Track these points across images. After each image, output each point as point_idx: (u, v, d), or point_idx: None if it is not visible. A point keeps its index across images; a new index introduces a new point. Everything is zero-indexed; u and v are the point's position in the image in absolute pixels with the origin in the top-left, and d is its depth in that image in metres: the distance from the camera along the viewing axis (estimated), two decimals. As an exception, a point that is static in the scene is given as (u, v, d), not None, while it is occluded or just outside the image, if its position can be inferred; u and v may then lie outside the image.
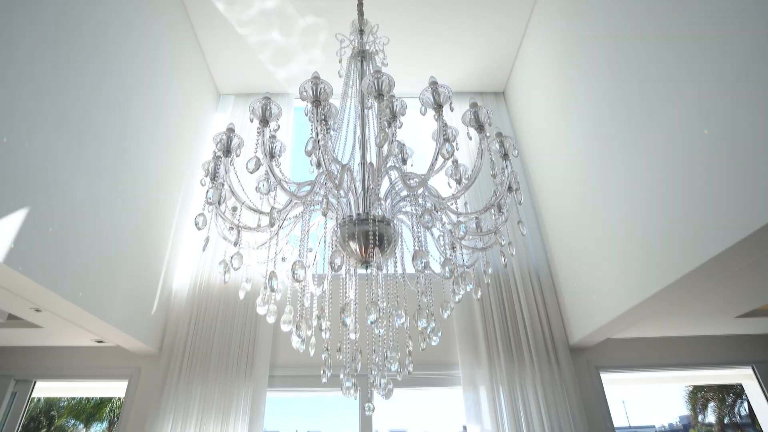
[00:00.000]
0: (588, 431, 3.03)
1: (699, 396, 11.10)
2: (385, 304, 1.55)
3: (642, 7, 2.39)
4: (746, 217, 1.71)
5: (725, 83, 1.80)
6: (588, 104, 3.00)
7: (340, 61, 2.12)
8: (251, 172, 1.24)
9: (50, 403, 9.44)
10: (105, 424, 10.04)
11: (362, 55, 2.11)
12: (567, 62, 3.30)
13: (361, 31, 2.07)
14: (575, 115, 3.19)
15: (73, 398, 9.70)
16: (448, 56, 4.22)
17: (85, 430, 10.04)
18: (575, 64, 3.17)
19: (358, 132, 1.90)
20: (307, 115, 1.25)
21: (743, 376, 3.61)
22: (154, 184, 3.27)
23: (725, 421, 10.98)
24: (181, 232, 3.72)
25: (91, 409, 9.52)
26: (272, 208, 1.25)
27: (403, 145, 1.96)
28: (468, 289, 1.33)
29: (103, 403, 9.79)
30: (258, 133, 1.25)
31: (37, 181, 2.06)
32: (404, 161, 1.96)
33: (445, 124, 1.37)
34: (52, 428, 9.16)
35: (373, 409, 1.47)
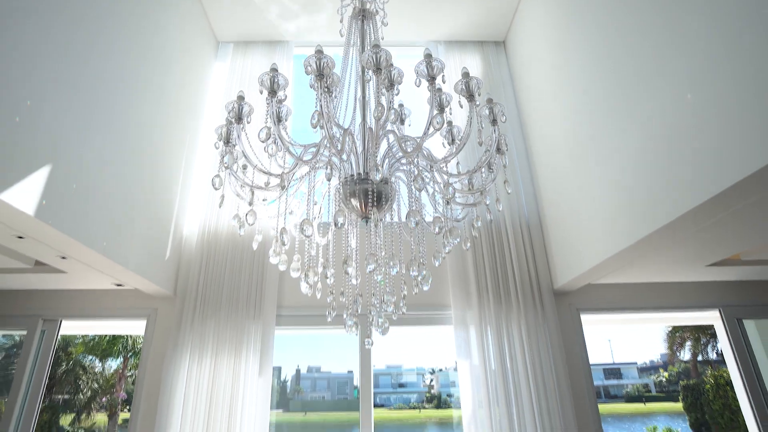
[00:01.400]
0: (565, 366, 3.38)
1: (677, 336, 11.81)
2: (383, 253, 1.75)
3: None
4: (713, 179, 1.88)
5: (712, 52, 1.90)
6: (584, 61, 3.07)
7: (341, 21, 2.18)
8: (263, 141, 1.38)
9: (67, 341, 10.01)
10: (120, 359, 10.71)
11: (363, 15, 2.16)
12: (566, 16, 3.31)
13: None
14: (571, 71, 3.25)
15: (87, 336, 10.28)
16: (448, 3, 4.17)
17: (100, 364, 10.73)
18: (574, 18, 3.19)
19: (359, 93, 2.01)
20: (311, 86, 1.37)
21: (713, 318, 3.93)
22: (160, 135, 3.38)
23: (699, 358, 11.76)
24: (188, 180, 3.86)
25: (105, 346, 10.13)
26: (282, 172, 1.40)
27: (401, 106, 2.09)
28: (455, 243, 1.51)
29: (115, 339, 10.39)
30: (267, 103, 1.38)
31: (56, 139, 2.19)
32: (402, 122, 2.10)
33: (440, 90, 1.50)
34: (71, 362, 9.78)
35: (372, 344, 1.71)
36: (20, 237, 2.30)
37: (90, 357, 10.37)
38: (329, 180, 1.35)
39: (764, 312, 3.77)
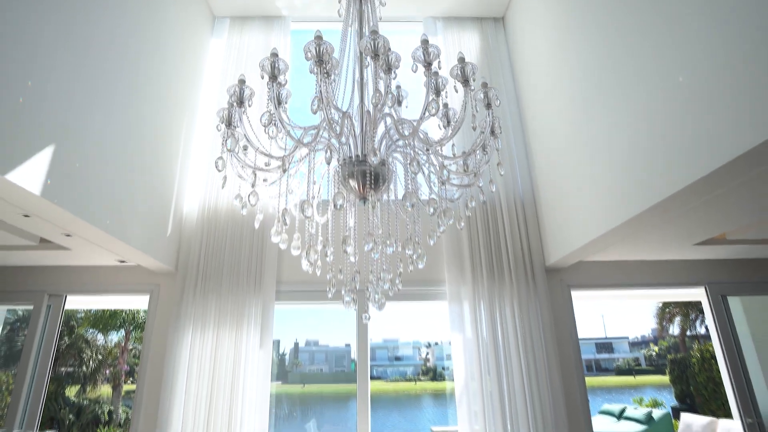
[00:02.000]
0: (555, 340, 3.51)
1: (667, 311, 12.11)
2: (380, 231, 1.82)
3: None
4: (702, 160, 1.94)
5: (703, 35, 1.94)
6: (580, 43, 3.08)
7: (340, 1, 2.19)
8: (264, 126, 1.43)
9: (69, 315, 10.17)
10: (121, 333, 10.91)
11: (361, -6, 2.17)
12: (564, -6, 3.30)
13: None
14: (567, 51, 3.26)
15: (89, 310, 10.44)
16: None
17: (102, 337, 10.94)
18: (572, -4, 3.18)
19: (357, 74, 2.04)
20: (311, 72, 1.41)
21: (699, 295, 4.06)
22: (159, 112, 3.40)
23: (687, 333, 12.09)
24: (187, 158, 3.90)
25: (107, 319, 10.31)
26: (284, 155, 1.46)
27: (399, 87, 2.12)
28: (449, 223, 1.59)
29: (116, 314, 10.56)
30: (267, 88, 1.42)
31: (59, 120, 2.23)
32: (399, 103, 2.14)
33: (436, 74, 1.54)
34: (73, 336, 9.97)
35: (369, 318, 1.80)
36: (26, 215, 2.36)
37: (92, 330, 10.57)
38: (329, 164, 1.41)
39: (748, 289, 3.91)
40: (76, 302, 3.91)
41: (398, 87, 2.10)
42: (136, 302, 4.29)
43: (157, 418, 3.21)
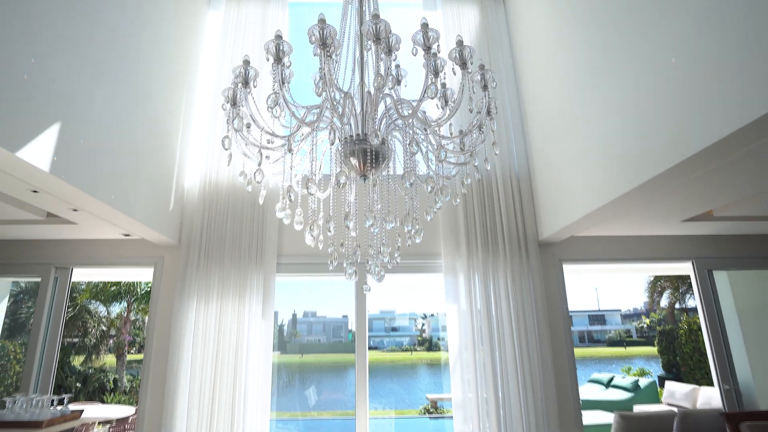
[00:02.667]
0: (546, 311, 3.66)
1: (658, 285, 12.39)
2: (379, 206, 1.91)
3: None
4: (689, 141, 2.02)
5: (695, 14, 1.98)
6: (576, 22, 3.10)
7: (339, -21, 2.20)
8: (270, 108, 1.49)
9: (72, 287, 10.33)
10: (123, 304, 11.11)
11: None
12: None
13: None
14: (564, 30, 3.28)
15: (90, 282, 10.59)
16: (446, -47, 4.07)
17: (105, 308, 11.15)
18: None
19: (357, 52, 2.08)
20: (315, 55, 1.46)
21: (686, 269, 4.20)
22: (158, 87, 3.42)
23: (677, 306, 12.42)
24: (187, 133, 3.93)
25: (109, 291, 10.48)
26: (289, 135, 1.53)
27: (398, 66, 2.17)
28: (446, 200, 1.67)
29: (117, 286, 10.73)
30: (273, 70, 1.48)
31: (63, 96, 2.26)
32: (398, 82, 2.19)
33: (435, 55, 1.59)
34: (77, 308, 10.16)
35: (370, 289, 1.90)
36: (35, 191, 2.42)
37: (94, 302, 10.75)
38: (332, 144, 1.48)
39: (733, 264, 4.05)
40: (83, 275, 4.01)
41: (397, 66, 2.14)
42: (141, 274, 4.40)
43: (165, 385, 3.37)
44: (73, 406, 3.65)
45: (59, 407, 3.24)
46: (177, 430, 3.26)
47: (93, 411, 4.90)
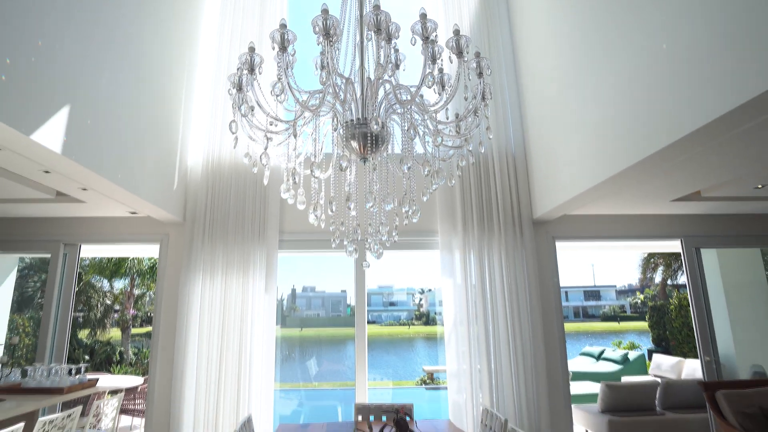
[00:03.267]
0: (538, 287, 3.81)
1: (651, 261, 12.62)
2: (377, 187, 2.01)
3: None
4: (679, 123, 2.11)
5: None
6: (575, 9, 3.13)
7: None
8: (276, 96, 1.57)
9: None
10: (126, 280, 11.31)
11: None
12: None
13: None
14: (561, 12, 3.31)
15: (95, 258, 10.75)
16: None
17: (108, 284, 11.34)
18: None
19: (357, 37, 2.14)
20: (319, 44, 1.53)
21: (675, 247, 4.33)
22: (160, 67, 3.46)
23: (669, 282, 12.68)
24: (189, 112, 3.99)
25: (112, 267, 10.65)
26: (294, 120, 1.62)
27: (397, 51, 2.23)
28: (441, 183, 1.77)
29: (120, 262, 10.89)
30: (278, 58, 1.55)
31: (70, 78, 2.33)
32: (397, 66, 2.25)
33: (434, 42, 1.67)
34: (81, 283, 10.35)
35: (369, 266, 2.03)
36: (46, 171, 2.51)
37: (98, 278, 10.94)
38: (335, 130, 1.57)
39: (720, 242, 4.19)
40: (91, 251, 4.13)
41: (396, 51, 2.21)
42: (148, 251, 4.52)
43: (174, 356, 3.53)
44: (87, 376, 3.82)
45: (77, 376, 3.41)
46: (186, 399, 3.44)
47: (103, 381, 5.10)
